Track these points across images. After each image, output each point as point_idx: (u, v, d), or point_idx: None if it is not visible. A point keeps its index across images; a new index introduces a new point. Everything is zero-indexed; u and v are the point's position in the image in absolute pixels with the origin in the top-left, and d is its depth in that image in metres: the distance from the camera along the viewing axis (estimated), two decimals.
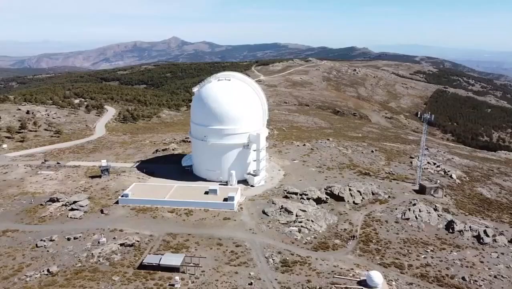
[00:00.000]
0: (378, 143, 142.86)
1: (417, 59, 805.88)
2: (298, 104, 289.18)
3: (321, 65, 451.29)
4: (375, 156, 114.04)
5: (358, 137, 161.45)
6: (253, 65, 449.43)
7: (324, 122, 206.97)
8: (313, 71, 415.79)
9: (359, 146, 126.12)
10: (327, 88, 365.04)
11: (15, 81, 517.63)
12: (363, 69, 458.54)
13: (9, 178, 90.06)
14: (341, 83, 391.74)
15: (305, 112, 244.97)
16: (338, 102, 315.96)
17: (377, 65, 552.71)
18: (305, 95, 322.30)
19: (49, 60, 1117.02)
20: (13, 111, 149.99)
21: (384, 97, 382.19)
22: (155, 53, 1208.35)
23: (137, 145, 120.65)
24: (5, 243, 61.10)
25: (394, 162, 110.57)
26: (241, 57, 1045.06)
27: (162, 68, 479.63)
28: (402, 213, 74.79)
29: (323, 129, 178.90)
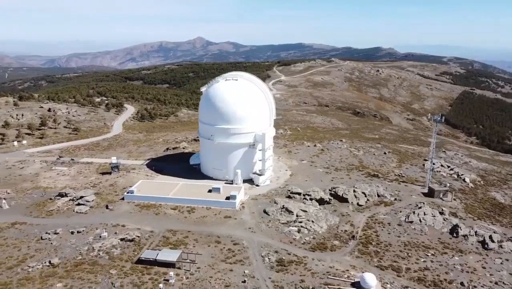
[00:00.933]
0: (394, 145, 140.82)
1: (445, 60, 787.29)
2: (317, 104, 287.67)
3: (344, 66, 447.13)
4: (387, 158, 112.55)
5: (374, 138, 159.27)
6: (275, 65, 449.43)
7: (342, 123, 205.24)
8: (335, 72, 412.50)
9: (372, 147, 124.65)
10: (348, 89, 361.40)
11: (44, 80, 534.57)
12: (387, 70, 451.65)
13: (25, 172, 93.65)
14: (363, 84, 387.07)
15: (323, 113, 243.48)
16: (358, 103, 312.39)
17: (401, 66, 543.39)
18: (326, 96, 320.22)
19: (78, 59, 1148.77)
20: (35, 109, 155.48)
21: (407, 99, 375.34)
22: (180, 53, 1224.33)
23: (150, 143, 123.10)
24: (13, 234, 63.76)
25: (406, 164, 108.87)
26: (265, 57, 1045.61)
27: (185, 68, 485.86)
28: (406, 216, 73.76)
29: (339, 130, 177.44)
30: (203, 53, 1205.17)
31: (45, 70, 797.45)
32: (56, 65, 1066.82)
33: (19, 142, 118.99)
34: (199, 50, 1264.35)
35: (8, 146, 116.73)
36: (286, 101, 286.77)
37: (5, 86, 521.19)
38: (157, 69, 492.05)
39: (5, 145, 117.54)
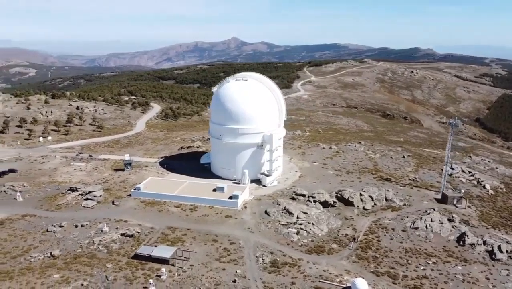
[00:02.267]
0: (417, 149, 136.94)
1: (487, 61, 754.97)
2: (345, 106, 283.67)
3: (376, 67, 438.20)
4: (404, 162, 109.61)
5: (398, 142, 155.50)
6: (306, 66, 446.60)
7: (367, 125, 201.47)
8: (367, 73, 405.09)
9: (392, 151, 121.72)
10: (379, 91, 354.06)
11: (83, 79, 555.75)
12: (422, 71, 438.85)
13: (44, 167, 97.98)
14: (395, 86, 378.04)
15: (350, 115, 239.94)
16: (389, 105, 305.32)
17: (438, 67, 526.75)
18: (355, 97, 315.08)
19: (117, 59, 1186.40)
20: (64, 107, 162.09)
21: (442, 101, 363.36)
22: (214, 53, 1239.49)
23: (168, 141, 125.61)
24: (22, 226, 66.96)
25: (423, 168, 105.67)
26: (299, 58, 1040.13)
27: (216, 68, 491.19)
28: (412, 222, 71.64)
29: (363, 132, 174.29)
30: (237, 54, 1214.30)
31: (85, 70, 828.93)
32: (96, 64, 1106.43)
33: (44, 138, 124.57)
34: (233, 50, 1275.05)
35: (34, 142, 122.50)
36: (313, 102, 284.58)
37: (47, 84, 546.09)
38: (190, 69, 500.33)
39: (31, 140, 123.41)
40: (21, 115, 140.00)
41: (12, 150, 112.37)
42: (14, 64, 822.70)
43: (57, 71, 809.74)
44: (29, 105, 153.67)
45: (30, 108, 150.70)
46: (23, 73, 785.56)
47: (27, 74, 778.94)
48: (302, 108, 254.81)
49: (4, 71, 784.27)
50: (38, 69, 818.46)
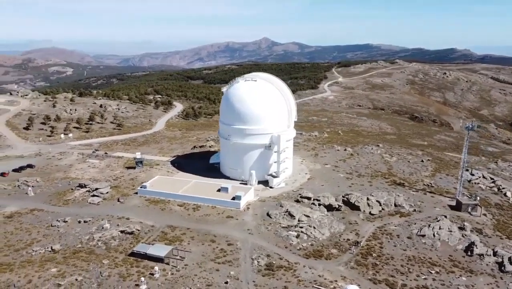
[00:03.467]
0: (440, 153, 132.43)
1: None
2: (372, 108, 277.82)
3: (408, 68, 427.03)
4: (421, 166, 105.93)
5: (421, 145, 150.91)
6: (334, 66, 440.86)
7: (391, 128, 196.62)
8: (397, 74, 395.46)
9: (411, 154, 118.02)
10: (409, 92, 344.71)
11: (115, 78, 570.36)
12: (455, 73, 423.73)
13: (61, 163, 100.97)
14: (426, 87, 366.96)
15: (376, 117, 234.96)
16: (418, 107, 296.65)
17: (474, 68, 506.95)
18: (383, 98, 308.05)
19: (150, 59, 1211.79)
20: (89, 105, 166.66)
21: (475, 104, 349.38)
22: (245, 54, 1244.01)
23: (183, 140, 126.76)
24: (29, 220, 69.14)
25: (441, 173, 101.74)
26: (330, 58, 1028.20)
27: (244, 68, 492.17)
28: (419, 229, 68.99)
29: (385, 135, 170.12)
30: (268, 54, 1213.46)
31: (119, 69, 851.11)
32: (130, 64, 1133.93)
33: (65, 135, 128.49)
34: (264, 50, 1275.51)
35: (56, 138, 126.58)
36: (339, 103, 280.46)
37: (81, 83, 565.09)
38: (218, 69, 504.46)
39: (53, 137, 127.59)
40: (46, 113, 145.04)
41: (34, 146, 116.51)
42: (52, 63, 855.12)
43: (92, 70, 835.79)
44: (55, 103, 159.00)
45: (55, 106, 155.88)
46: (61, 72, 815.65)
47: (64, 73, 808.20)
48: (326, 109, 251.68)
49: (43, 70, 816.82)
50: (75, 68, 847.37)
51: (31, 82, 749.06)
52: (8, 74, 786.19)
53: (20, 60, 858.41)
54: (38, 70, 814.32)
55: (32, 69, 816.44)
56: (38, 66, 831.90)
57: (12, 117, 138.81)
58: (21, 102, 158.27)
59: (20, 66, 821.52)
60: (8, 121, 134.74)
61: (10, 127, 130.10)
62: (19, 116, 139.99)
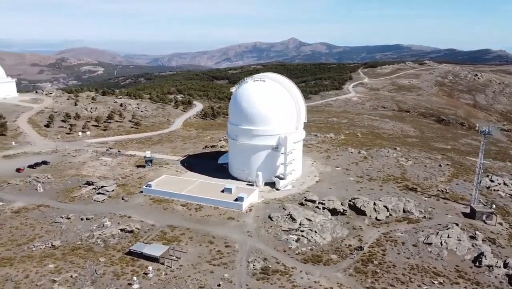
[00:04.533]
0: (461, 158, 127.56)
1: None
2: (397, 109, 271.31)
3: (437, 69, 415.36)
4: (438, 171, 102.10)
5: (444, 149, 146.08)
6: (360, 67, 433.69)
7: (414, 131, 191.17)
8: (425, 75, 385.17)
9: (430, 158, 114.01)
10: (437, 94, 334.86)
11: (143, 77, 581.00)
12: (488, 74, 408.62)
13: (75, 160, 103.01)
14: (455, 89, 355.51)
15: (400, 119, 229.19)
16: (445, 109, 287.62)
17: (509, 70, 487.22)
18: (409, 100, 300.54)
19: (179, 59, 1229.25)
20: (109, 103, 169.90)
21: (508, 107, 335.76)
22: (273, 54, 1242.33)
23: (197, 140, 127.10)
24: (34, 215, 70.64)
25: (459, 179, 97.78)
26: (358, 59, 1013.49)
27: (269, 68, 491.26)
28: (426, 236, 66.22)
29: (406, 138, 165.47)
30: (296, 54, 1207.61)
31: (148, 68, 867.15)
32: (159, 63, 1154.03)
33: (83, 133, 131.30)
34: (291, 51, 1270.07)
35: (74, 136, 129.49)
36: (362, 104, 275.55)
37: (110, 82, 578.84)
38: (243, 69, 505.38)
39: (71, 134, 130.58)
40: (67, 111, 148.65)
41: (52, 143, 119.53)
42: (84, 62, 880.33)
43: (122, 69, 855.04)
44: (77, 101, 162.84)
45: (77, 104, 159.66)
46: (92, 71, 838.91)
47: (95, 72, 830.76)
48: (349, 110, 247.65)
49: (76, 69, 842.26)
50: (105, 67, 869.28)
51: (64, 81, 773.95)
52: (42, 73, 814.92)
53: (54, 59, 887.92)
54: (71, 70, 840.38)
55: (65, 68, 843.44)
56: (71, 65, 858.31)
57: (35, 115, 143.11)
58: (44, 100, 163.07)
59: (54, 66, 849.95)
60: (30, 119, 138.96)
61: (32, 125, 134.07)
62: (41, 114, 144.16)
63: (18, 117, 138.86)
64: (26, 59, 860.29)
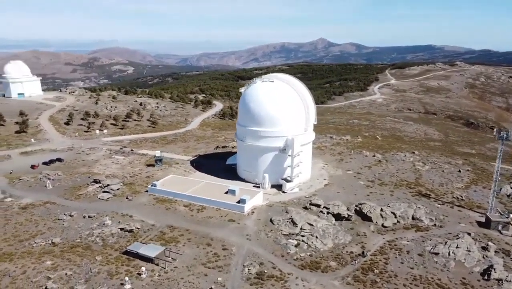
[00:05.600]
0: (485, 163, 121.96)
1: None
2: (423, 112, 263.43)
3: (468, 70, 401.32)
4: (456, 176, 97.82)
5: (468, 154, 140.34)
6: (388, 68, 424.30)
7: (438, 134, 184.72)
8: (456, 77, 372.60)
9: (450, 163, 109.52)
10: (467, 96, 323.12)
11: (170, 77, 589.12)
12: None
13: (88, 158, 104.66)
14: (487, 92, 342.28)
15: (425, 122, 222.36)
16: (475, 113, 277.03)
17: None
18: (437, 102, 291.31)
19: (207, 59, 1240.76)
20: (130, 102, 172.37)
21: None
22: (301, 54, 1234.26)
23: (211, 140, 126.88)
24: (39, 212, 71.87)
25: (478, 185, 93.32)
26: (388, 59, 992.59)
27: (295, 68, 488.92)
28: (433, 246, 63.15)
29: (429, 141, 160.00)
30: (324, 54, 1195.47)
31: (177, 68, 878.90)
32: (188, 63, 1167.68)
33: (100, 131, 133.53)
34: (320, 51, 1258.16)
35: (91, 134, 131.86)
36: (387, 106, 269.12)
37: (139, 81, 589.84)
38: (269, 69, 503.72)
39: (89, 132, 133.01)
40: (88, 109, 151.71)
41: (69, 141, 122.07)
42: (115, 62, 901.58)
43: (151, 69, 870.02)
44: (98, 100, 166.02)
45: (98, 103, 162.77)
46: (122, 71, 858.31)
47: (126, 72, 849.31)
48: (372, 112, 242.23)
49: (107, 69, 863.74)
50: (135, 67, 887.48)
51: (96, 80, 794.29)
52: (75, 72, 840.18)
53: (87, 59, 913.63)
54: (102, 69, 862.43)
55: (97, 67, 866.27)
56: (102, 65, 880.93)
57: (56, 113, 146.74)
58: (67, 99, 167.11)
59: (87, 65, 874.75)
60: (52, 116, 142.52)
61: (52, 122, 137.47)
62: (62, 112, 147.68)
63: (40, 115, 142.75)
64: (61, 59, 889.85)
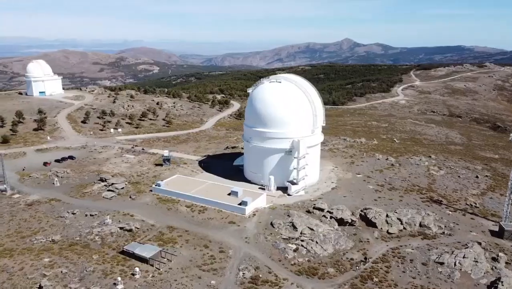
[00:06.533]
0: (506, 169, 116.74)
1: None
2: (448, 114, 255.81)
3: (498, 72, 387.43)
4: (473, 182, 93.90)
5: (490, 158, 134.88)
6: (413, 69, 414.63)
7: (460, 137, 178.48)
8: (484, 79, 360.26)
9: (468, 168, 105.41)
10: (495, 99, 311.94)
11: (194, 77, 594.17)
12: None
13: (99, 157, 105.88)
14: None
15: (448, 125, 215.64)
16: (503, 116, 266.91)
17: None
18: (463, 105, 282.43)
19: (232, 59, 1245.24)
20: (147, 102, 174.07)
21: None
22: (325, 55, 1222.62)
23: (223, 140, 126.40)
24: (44, 209, 72.83)
25: (495, 192, 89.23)
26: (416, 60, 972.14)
27: (317, 69, 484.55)
28: (439, 255, 60.44)
29: (449, 145, 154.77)
30: (349, 55, 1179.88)
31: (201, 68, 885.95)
32: (212, 63, 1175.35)
33: (115, 129, 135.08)
34: (345, 51, 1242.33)
35: (106, 132, 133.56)
36: (409, 108, 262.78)
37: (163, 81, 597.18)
38: (291, 70, 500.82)
39: (104, 131, 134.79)
40: (105, 108, 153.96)
41: (83, 139, 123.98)
42: (141, 62, 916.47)
43: (176, 69, 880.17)
44: (116, 99, 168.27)
45: (115, 102, 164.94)
46: (148, 70, 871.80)
47: (151, 71, 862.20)
48: (393, 114, 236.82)
49: (133, 68, 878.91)
50: (161, 67, 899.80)
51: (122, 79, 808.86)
52: (103, 71, 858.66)
53: (114, 58, 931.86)
54: (129, 68, 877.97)
55: (123, 67, 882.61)
56: (129, 64, 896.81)
57: (74, 111, 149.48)
58: (86, 97, 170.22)
59: (114, 64, 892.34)
60: (69, 115, 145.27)
61: (69, 120, 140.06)
62: (80, 111, 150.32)
63: (59, 113, 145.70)
64: (89, 58, 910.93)
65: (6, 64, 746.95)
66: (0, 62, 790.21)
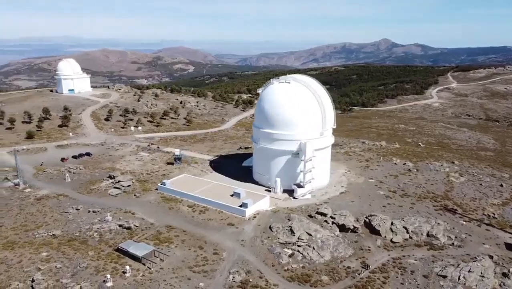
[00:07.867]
0: None
1: None
2: (484, 118, 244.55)
3: None
4: (496, 191, 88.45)
5: None
6: (450, 70, 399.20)
7: (493, 143, 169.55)
8: None
9: (494, 176, 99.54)
10: None
11: (227, 76, 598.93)
12: None
13: (115, 154, 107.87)
14: None
15: (483, 129, 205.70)
16: None
17: None
18: (501, 109, 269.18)
19: (266, 59, 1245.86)
20: (171, 100, 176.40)
21: None
22: (362, 55, 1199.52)
23: (239, 140, 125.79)
24: (51, 204, 74.70)
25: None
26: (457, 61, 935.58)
27: (350, 69, 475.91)
28: (443, 267, 57.05)
29: (480, 151, 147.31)
30: (387, 56, 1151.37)
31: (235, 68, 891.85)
32: (247, 63, 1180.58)
33: (135, 127, 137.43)
34: (382, 52, 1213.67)
35: (127, 130, 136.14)
36: (443, 111, 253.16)
37: (197, 80, 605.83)
38: (324, 70, 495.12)
39: (125, 129, 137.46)
40: (129, 106, 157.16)
41: (103, 136, 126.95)
42: (177, 61, 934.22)
43: (211, 68, 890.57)
44: (140, 97, 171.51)
45: (140, 100, 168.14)
46: (183, 69, 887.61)
47: (186, 71, 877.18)
48: (424, 117, 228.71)
49: (169, 67, 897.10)
50: (196, 66, 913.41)
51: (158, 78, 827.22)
52: (140, 70, 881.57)
53: (151, 58, 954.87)
54: (165, 68, 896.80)
55: (160, 66, 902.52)
56: (165, 63, 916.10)
57: (98, 109, 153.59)
58: (112, 96, 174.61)
59: (151, 64, 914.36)
60: (94, 112, 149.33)
61: (93, 118, 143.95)
62: (104, 108, 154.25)
63: (84, 111, 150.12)
64: (127, 57, 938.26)
65: (50, 62, 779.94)
66: (45, 61, 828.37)
